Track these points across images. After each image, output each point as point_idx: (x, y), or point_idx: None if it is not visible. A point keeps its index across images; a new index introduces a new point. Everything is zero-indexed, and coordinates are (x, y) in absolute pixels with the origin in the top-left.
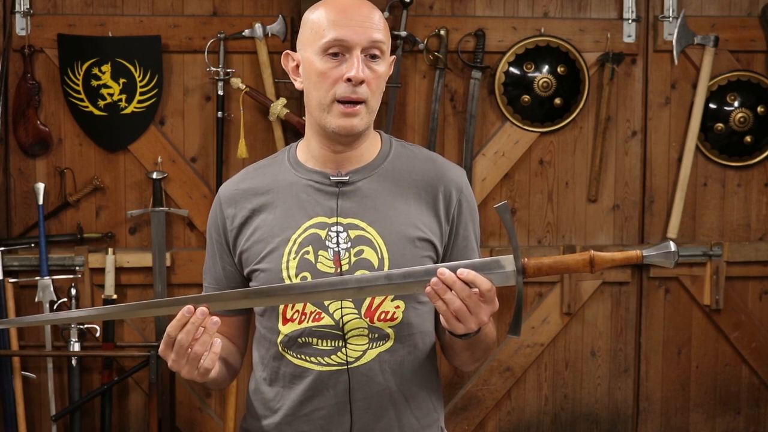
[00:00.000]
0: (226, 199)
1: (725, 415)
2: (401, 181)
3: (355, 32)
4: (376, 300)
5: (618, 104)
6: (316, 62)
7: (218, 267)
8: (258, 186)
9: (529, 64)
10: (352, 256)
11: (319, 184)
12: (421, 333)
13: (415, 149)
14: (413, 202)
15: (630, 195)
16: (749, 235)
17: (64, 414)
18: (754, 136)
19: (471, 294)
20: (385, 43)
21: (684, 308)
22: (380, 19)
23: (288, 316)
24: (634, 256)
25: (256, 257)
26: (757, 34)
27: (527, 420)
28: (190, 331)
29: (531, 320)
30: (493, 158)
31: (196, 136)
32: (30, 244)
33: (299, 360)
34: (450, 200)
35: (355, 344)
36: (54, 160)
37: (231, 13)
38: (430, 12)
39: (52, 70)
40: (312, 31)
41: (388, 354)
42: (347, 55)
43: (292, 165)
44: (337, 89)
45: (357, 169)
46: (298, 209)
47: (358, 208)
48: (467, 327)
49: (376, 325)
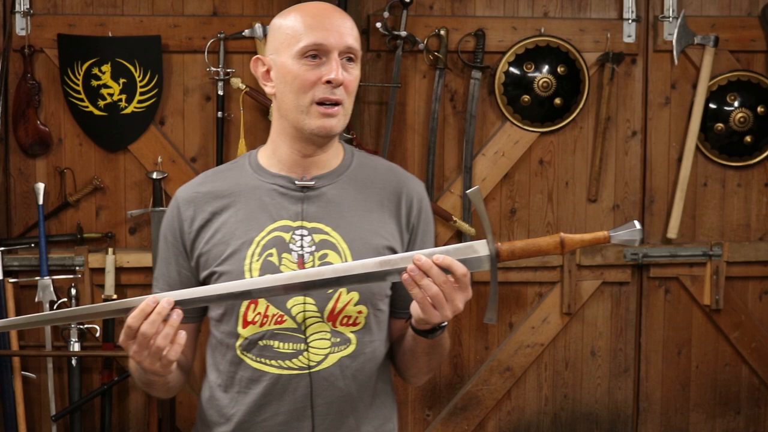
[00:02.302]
0: (185, 201)
1: (725, 415)
2: (364, 189)
3: (333, 36)
4: (339, 304)
5: (618, 104)
6: (293, 66)
7: (173, 271)
8: (218, 189)
9: (529, 64)
10: (316, 259)
11: (284, 188)
12: (380, 341)
13: (376, 160)
14: (376, 209)
15: (630, 195)
16: (749, 235)
17: (64, 414)
18: (754, 136)
19: (447, 280)
20: (358, 49)
21: (684, 308)
22: (353, 26)
23: (249, 319)
24: (602, 237)
25: (216, 259)
26: (757, 34)
27: (527, 420)
28: (155, 321)
29: (531, 320)
30: (493, 158)
31: (196, 136)
32: (30, 244)
33: (258, 363)
34: (411, 210)
35: (317, 348)
36: (54, 160)
37: (231, 13)
38: (430, 12)
39: (52, 70)
40: (287, 36)
41: (350, 359)
42: (325, 58)
43: (254, 170)
44: (316, 91)
45: (322, 174)
46: (261, 212)
47: (323, 213)
48: (443, 315)
49: (339, 329)
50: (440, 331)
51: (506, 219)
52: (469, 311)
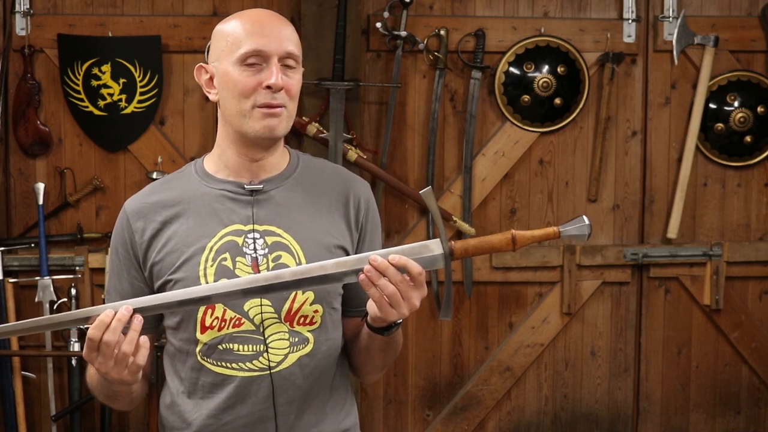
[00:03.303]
0: (134, 212)
1: (725, 415)
2: (312, 191)
3: (272, 42)
4: (296, 304)
5: (618, 104)
6: (234, 72)
7: (125, 283)
8: (167, 198)
9: (529, 64)
10: (270, 261)
11: (233, 193)
12: (335, 340)
13: (321, 162)
14: (325, 210)
15: (630, 195)
16: (749, 235)
17: (64, 414)
18: (754, 136)
19: (403, 279)
20: (298, 55)
21: (684, 308)
22: (292, 32)
23: (207, 324)
24: (552, 232)
25: (170, 267)
26: (757, 34)
27: (527, 420)
28: (116, 329)
29: (531, 320)
30: (493, 158)
31: (196, 136)
32: (30, 244)
33: (220, 368)
34: (359, 210)
35: (277, 348)
36: (54, 160)
37: (231, 13)
38: (430, 12)
39: (52, 70)
40: (227, 43)
41: (308, 358)
42: (264, 64)
43: (201, 177)
44: (257, 97)
45: (270, 178)
46: (212, 218)
47: (274, 216)
48: (400, 313)
49: (296, 329)
50: (396, 328)
51: (506, 219)
52: (470, 311)
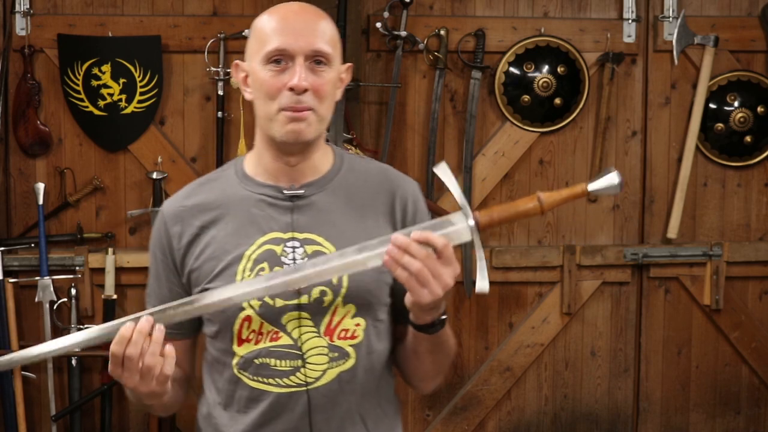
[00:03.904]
0: (171, 216)
1: (725, 415)
2: (356, 194)
3: (296, 40)
4: (336, 317)
5: (618, 104)
6: (261, 72)
7: (164, 289)
8: (205, 201)
9: (529, 64)
10: None
11: (272, 198)
12: (381, 353)
13: (367, 162)
14: (370, 215)
15: (630, 195)
16: (749, 235)
17: (64, 414)
18: (754, 136)
19: (428, 254)
20: (329, 52)
21: (684, 308)
22: (326, 26)
23: (243, 337)
24: (579, 191)
25: (207, 275)
26: (757, 34)
27: (527, 420)
28: (137, 342)
29: (531, 320)
30: (493, 158)
31: (196, 136)
32: (30, 244)
33: (256, 382)
34: (405, 212)
35: (315, 364)
36: (54, 160)
37: (231, 13)
38: (430, 12)
39: (52, 70)
40: (256, 41)
41: (349, 374)
42: (290, 63)
43: (240, 179)
44: (282, 99)
45: (311, 182)
46: (250, 225)
47: (314, 223)
48: (431, 292)
49: (336, 343)
50: (440, 325)
51: None
52: (470, 311)
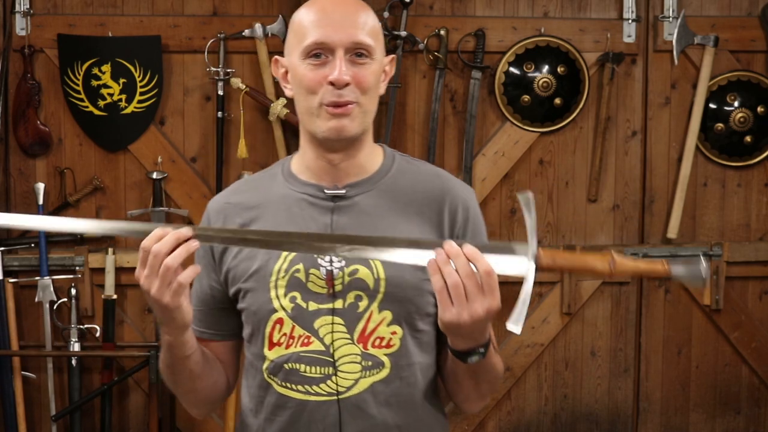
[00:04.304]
0: (215, 212)
1: (725, 415)
2: (403, 198)
3: (336, 32)
4: (371, 324)
5: (618, 104)
6: (300, 67)
7: (204, 286)
8: (248, 200)
9: (529, 64)
10: (345, 276)
11: (313, 197)
12: (422, 365)
13: (419, 164)
14: (416, 220)
15: (630, 195)
16: (749, 235)
17: (64, 414)
18: (754, 136)
19: (471, 274)
20: (371, 44)
21: (684, 308)
22: (366, 17)
23: (275, 340)
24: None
25: (243, 275)
26: (757, 34)
27: (527, 420)
28: (168, 241)
29: (531, 320)
30: (493, 158)
31: (196, 136)
32: (30, 244)
33: (284, 388)
34: (455, 220)
35: (347, 372)
36: (54, 160)
37: (231, 13)
38: (430, 12)
39: (52, 70)
40: (295, 35)
41: (383, 384)
42: (330, 56)
43: (285, 178)
44: (323, 94)
45: (355, 182)
46: (289, 224)
47: (355, 225)
48: (458, 314)
49: (370, 351)
50: (477, 356)
51: (506, 219)
52: None
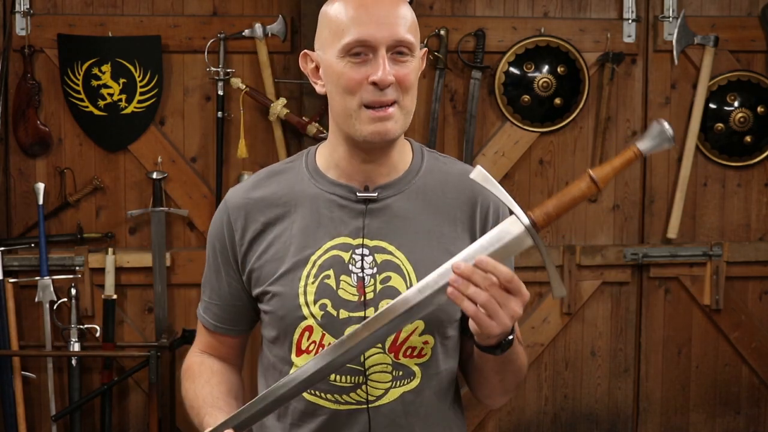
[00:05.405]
0: (236, 208)
1: (725, 415)
2: (434, 199)
3: (379, 30)
4: (402, 334)
5: (618, 104)
6: (338, 65)
7: (222, 283)
8: (272, 195)
9: (529, 64)
10: (377, 283)
11: (344, 199)
12: (448, 371)
13: (448, 162)
14: (447, 223)
15: (630, 195)
16: (749, 235)
17: (64, 414)
18: (754, 136)
19: (494, 282)
20: (412, 41)
21: (684, 308)
22: (406, 11)
23: (303, 347)
24: (631, 155)
25: (269, 278)
26: (757, 34)
27: (527, 420)
28: None
29: (531, 320)
30: (493, 158)
31: (196, 136)
32: (30, 244)
33: (313, 396)
34: (486, 222)
35: (377, 381)
36: (54, 160)
37: (231, 13)
38: (430, 12)
39: (52, 70)
40: (331, 31)
41: (413, 394)
42: (371, 55)
43: (311, 174)
44: (364, 94)
45: (387, 184)
46: (319, 227)
47: (387, 229)
48: (500, 324)
49: (402, 361)
50: (507, 345)
51: None
52: None
